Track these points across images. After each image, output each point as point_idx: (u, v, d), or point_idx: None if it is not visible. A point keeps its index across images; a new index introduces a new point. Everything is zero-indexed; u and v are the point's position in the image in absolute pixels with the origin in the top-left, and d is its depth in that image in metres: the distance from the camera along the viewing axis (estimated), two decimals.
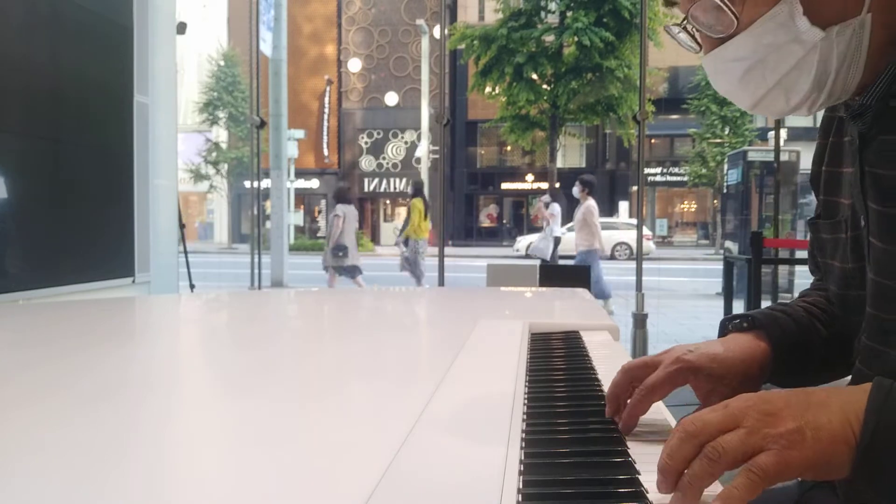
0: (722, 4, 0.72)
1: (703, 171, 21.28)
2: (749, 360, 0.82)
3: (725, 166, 12.43)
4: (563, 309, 1.76)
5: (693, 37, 0.78)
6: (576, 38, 11.34)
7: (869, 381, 0.62)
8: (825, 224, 0.84)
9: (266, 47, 11.26)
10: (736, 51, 0.74)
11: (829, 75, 0.72)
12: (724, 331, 0.89)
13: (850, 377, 0.81)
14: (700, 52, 0.79)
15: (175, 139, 4.07)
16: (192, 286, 4.52)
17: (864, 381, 0.74)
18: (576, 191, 8.39)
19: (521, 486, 0.54)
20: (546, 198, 10.38)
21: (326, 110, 27.70)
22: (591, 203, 8.32)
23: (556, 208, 9.95)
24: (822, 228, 0.84)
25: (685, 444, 0.56)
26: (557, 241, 9.82)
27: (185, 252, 4.50)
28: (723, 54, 0.75)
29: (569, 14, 11.59)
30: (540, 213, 10.82)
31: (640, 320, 4.73)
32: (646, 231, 12.18)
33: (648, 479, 0.59)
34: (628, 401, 0.74)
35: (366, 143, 27.99)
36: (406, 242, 9.44)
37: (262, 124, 5.62)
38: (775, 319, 0.85)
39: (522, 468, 0.58)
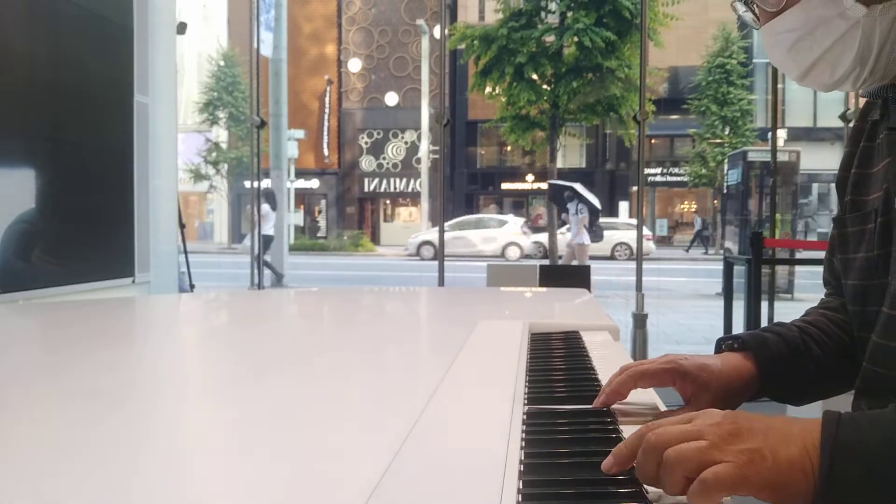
0: None
1: (704, 171, 21.26)
2: (735, 376, 0.86)
3: (725, 166, 12.42)
4: (563, 309, 1.76)
5: (752, 11, 0.84)
6: (576, 39, 11.32)
7: (878, 380, 0.66)
8: (853, 217, 0.87)
9: (266, 48, 11.26)
10: (787, 23, 0.79)
11: (871, 51, 0.76)
12: (718, 350, 0.94)
13: (850, 393, 0.85)
14: (758, 26, 0.85)
15: (175, 139, 4.07)
16: (191, 286, 4.53)
17: (872, 379, 0.77)
18: None
19: (521, 487, 0.54)
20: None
21: (326, 110, 27.68)
22: None
23: (266, 209, 11.15)
24: (850, 222, 0.88)
25: (637, 439, 0.59)
26: (269, 239, 11.05)
27: (185, 252, 4.50)
28: (776, 26, 0.81)
29: (569, 14, 11.57)
30: (251, 214, 12.25)
31: (640, 320, 4.72)
32: (646, 231, 12.18)
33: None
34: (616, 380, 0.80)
35: (366, 143, 27.97)
36: None
37: (262, 124, 5.62)
38: (764, 340, 0.89)
39: (522, 468, 0.58)
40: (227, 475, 0.57)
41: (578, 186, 10.52)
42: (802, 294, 9.12)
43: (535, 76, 11.78)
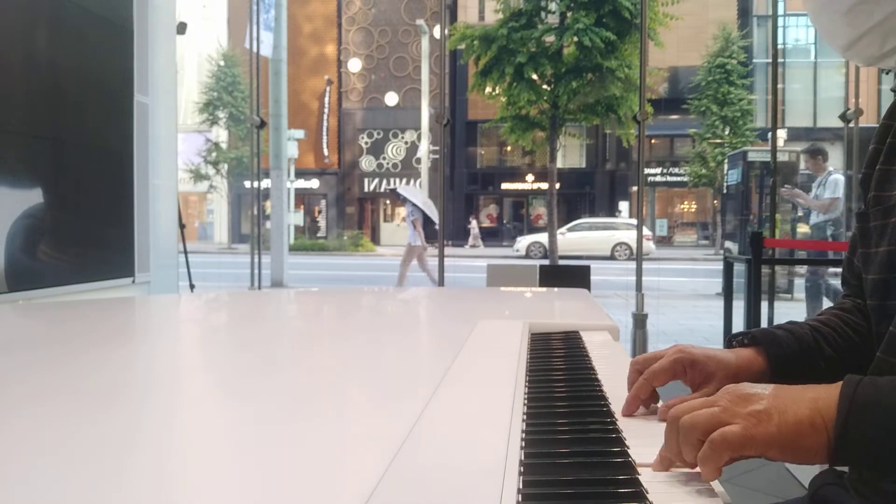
0: None
1: (704, 171, 21.26)
2: (744, 367, 0.87)
3: (725, 166, 12.42)
4: (563, 309, 1.76)
5: None
6: (576, 39, 11.32)
7: (891, 370, 0.70)
8: (876, 211, 0.88)
9: (266, 48, 11.26)
10: None
11: None
12: (729, 346, 0.94)
13: None
14: None
15: (175, 139, 4.07)
16: (192, 286, 4.53)
17: (885, 371, 0.79)
18: None
19: (521, 486, 0.54)
20: None
21: (326, 110, 27.68)
22: None
23: None
24: (873, 216, 0.88)
25: (672, 426, 0.63)
26: None
27: (185, 252, 4.50)
28: None
29: (569, 14, 11.57)
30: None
31: (640, 320, 4.72)
32: (646, 231, 12.19)
33: (648, 478, 0.59)
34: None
35: (366, 143, 27.97)
36: None
37: (262, 124, 5.62)
38: (775, 337, 0.90)
39: (522, 468, 0.58)
40: (226, 475, 0.57)
41: (402, 189, 10.92)
42: (802, 294, 9.11)
43: (535, 76, 11.77)
